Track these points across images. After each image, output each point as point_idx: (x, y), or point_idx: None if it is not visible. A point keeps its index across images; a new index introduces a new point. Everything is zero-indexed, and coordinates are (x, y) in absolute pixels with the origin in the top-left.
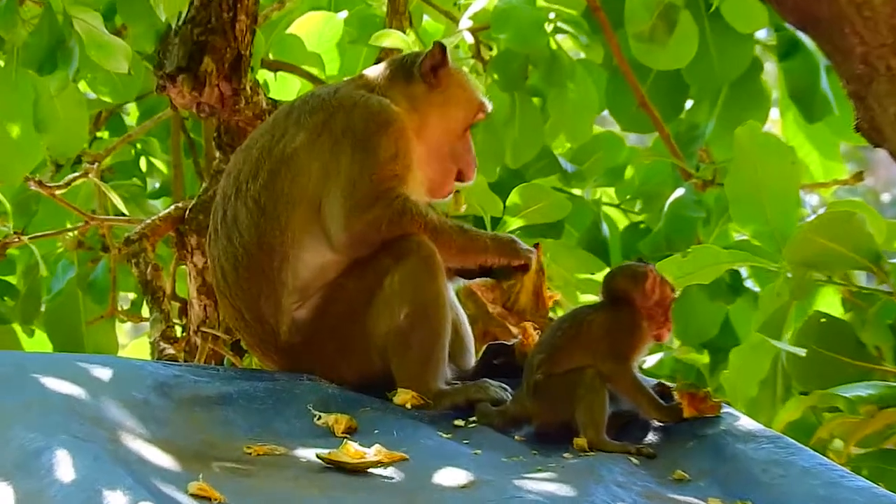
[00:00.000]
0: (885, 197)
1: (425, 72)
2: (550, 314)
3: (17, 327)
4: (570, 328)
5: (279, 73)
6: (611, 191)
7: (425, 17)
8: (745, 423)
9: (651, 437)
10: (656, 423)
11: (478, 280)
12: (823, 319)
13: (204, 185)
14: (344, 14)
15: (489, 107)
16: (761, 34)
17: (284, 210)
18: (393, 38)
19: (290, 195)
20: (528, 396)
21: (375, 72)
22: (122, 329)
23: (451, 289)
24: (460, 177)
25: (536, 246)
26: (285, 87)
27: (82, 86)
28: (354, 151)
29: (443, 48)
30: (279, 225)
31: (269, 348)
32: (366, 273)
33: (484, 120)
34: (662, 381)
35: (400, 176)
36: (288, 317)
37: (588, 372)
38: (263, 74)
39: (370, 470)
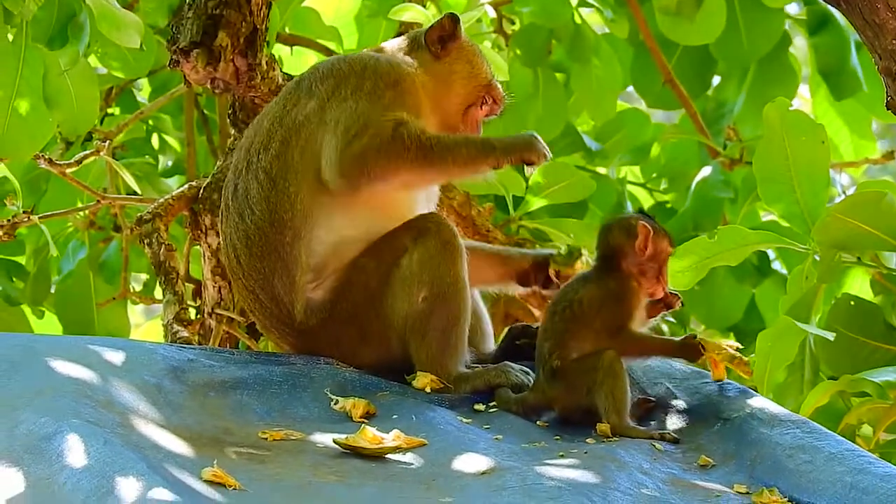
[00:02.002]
0: None
1: (431, 40)
2: None
3: (26, 309)
4: (565, 310)
5: (295, 48)
6: (636, 169)
7: None
8: (771, 407)
9: (676, 422)
10: (681, 407)
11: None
12: (853, 302)
13: (218, 163)
14: None
15: (501, 93)
16: (791, 8)
17: (294, 180)
18: (413, 12)
19: (299, 164)
20: (545, 384)
21: (392, 42)
22: (135, 311)
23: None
24: None
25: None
26: (301, 63)
27: (93, 61)
28: (359, 102)
29: (454, 19)
30: (289, 198)
31: (284, 330)
32: (383, 253)
33: (498, 114)
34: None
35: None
36: (303, 296)
37: (606, 356)
38: (279, 49)
39: (388, 456)
